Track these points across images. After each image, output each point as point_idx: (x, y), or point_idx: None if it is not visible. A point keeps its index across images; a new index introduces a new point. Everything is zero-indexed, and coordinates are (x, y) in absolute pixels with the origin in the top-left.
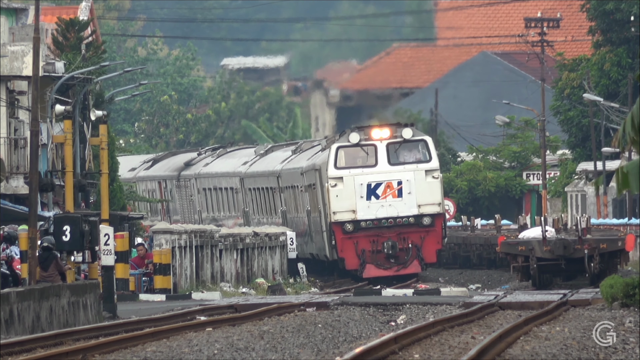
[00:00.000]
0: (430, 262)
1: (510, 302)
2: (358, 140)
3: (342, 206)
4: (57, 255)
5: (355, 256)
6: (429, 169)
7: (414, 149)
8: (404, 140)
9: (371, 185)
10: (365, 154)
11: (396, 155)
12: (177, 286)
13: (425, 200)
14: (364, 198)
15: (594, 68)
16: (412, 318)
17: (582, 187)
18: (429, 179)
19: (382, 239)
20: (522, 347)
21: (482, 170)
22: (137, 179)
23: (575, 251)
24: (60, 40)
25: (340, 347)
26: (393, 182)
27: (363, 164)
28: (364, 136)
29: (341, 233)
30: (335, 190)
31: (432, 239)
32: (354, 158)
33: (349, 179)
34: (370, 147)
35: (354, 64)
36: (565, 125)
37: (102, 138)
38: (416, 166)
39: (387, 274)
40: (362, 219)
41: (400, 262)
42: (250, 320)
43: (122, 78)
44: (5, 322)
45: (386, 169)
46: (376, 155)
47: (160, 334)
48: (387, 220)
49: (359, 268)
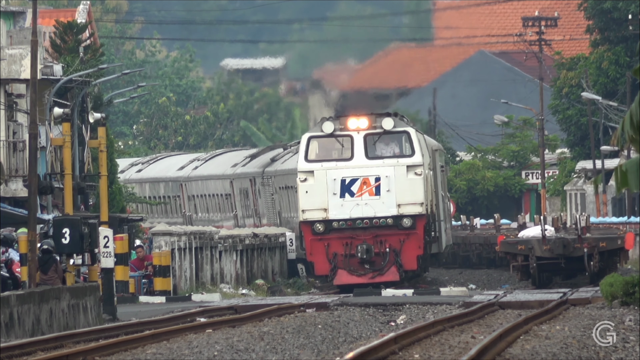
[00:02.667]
0: (410, 269)
1: (510, 301)
2: (332, 130)
3: (313, 204)
4: (57, 258)
5: (326, 260)
6: (411, 165)
7: (394, 142)
8: (384, 131)
9: (345, 180)
10: (340, 145)
11: (375, 148)
12: (177, 288)
13: (406, 200)
14: (337, 195)
15: (592, 67)
16: (412, 318)
17: (581, 185)
18: (410, 176)
19: (356, 242)
20: (522, 346)
21: (481, 170)
22: (232, 175)
23: (575, 250)
24: (58, 43)
25: (340, 347)
26: (370, 178)
27: (337, 157)
28: (340, 126)
29: (311, 234)
30: (305, 185)
31: (413, 243)
32: (327, 150)
33: (321, 174)
34: (346, 138)
35: (352, 64)
36: (563, 124)
37: (100, 140)
38: (397, 161)
39: (360, 281)
40: (334, 219)
41: (375, 268)
42: (250, 321)
43: (120, 80)
44: (5, 325)
45: (363, 163)
46: (352, 148)
47: (161, 335)
48: (362, 221)
49: (329, 273)
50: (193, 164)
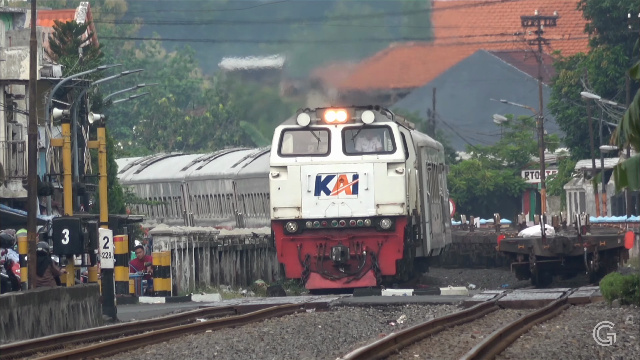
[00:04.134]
0: (389, 275)
1: (510, 300)
2: (308, 122)
3: (285, 201)
4: (52, 260)
5: (298, 262)
6: (392, 162)
7: (375, 137)
8: (364, 125)
9: (321, 177)
10: (317, 139)
11: (353, 143)
12: (177, 288)
13: (386, 199)
14: (311, 193)
15: (591, 66)
16: (412, 318)
17: (581, 185)
18: (391, 174)
19: (331, 244)
20: (522, 345)
21: (481, 169)
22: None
23: (575, 249)
24: (57, 44)
25: (340, 347)
26: (347, 176)
27: (313, 151)
28: (316, 118)
29: (282, 234)
30: (277, 181)
31: (392, 246)
32: (302, 144)
33: (295, 169)
34: (323, 131)
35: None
36: (563, 124)
37: (100, 141)
38: (377, 157)
39: (334, 286)
40: (307, 218)
41: (351, 272)
42: (250, 321)
43: (119, 81)
44: (5, 326)
45: (340, 159)
46: (329, 142)
47: (160, 336)
48: (338, 221)
49: (301, 277)
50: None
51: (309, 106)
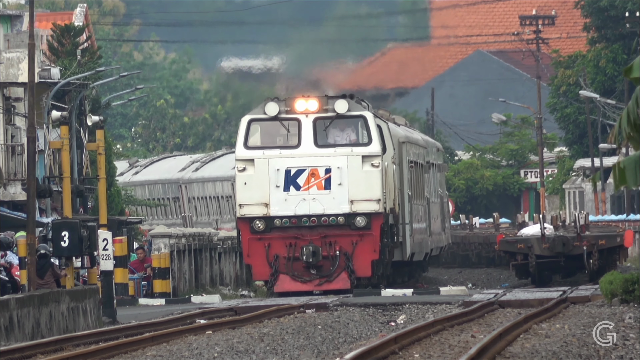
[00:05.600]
0: (364, 276)
1: (510, 300)
2: (277, 112)
3: (252, 197)
4: (53, 262)
5: (266, 263)
6: (368, 155)
7: (349, 128)
8: (337, 115)
9: (291, 171)
10: (286, 130)
11: (325, 134)
12: (177, 290)
13: (361, 195)
14: (280, 188)
15: (589, 65)
16: (412, 318)
17: (580, 183)
18: (366, 168)
19: (301, 243)
20: (522, 344)
21: (480, 169)
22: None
23: (574, 248)
24: (55, 47)
25: (341, 348)
26: (319, 169)
27: (282, 143)
28: (285, 108)
29: (249, 232)
30: (243, 176)
31: (367, 245)
32: (271, 136)
33: (262, 163)
34: (293, 122)
35: (350, 64)
36: (562, 123)
37: (99, 143)
38: (351, 150)
39: (305, 289)
40: (276, 216)
41: (323, 274)
42: (250, 322)
43: (118, 83)
44: (5, 328)
45: (311, 152)
46: (299, 133)
47: (160, 338)
48: (309, 219)
49: (269, 279)
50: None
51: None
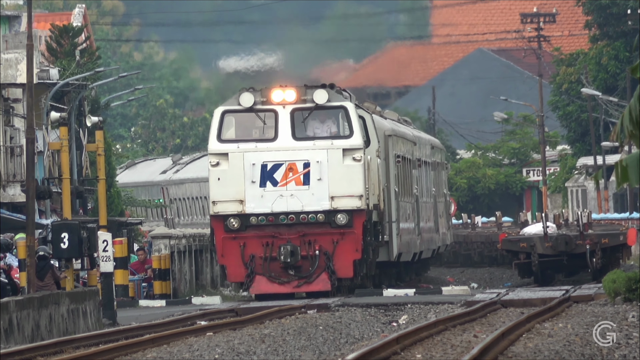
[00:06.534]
0: (345, 277)
1: (512, 299)
2: (252, 103)
3: (226, 194)
4: (53, 264)
5: (241, 264)
6: (349, 148)
7: (329, 120)
8: (316, 106)
9: (267, 166)
10: (262, 122)
11: (304, 126)
12: (177, 291)
13: (342, 191)
14: (256, 184)
15: (591, 62)
16: (414, 318)
17: (583, 182)
18: (347, 162)
19: (279, 242)
20: (524, 344)
21: (482, 168)
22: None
23: (577, 247)
24: (54, 47)
25: (342, 348)
26: (297, 164)
27: (258, 136)
28: (261, 98)
29: (223, 231)
30: (217, 171)
31: (349, 244)
32: (246, 128)
33: (237, 157)
34: (269, 113)
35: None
36: (564, 121)
37: (98, 144)
38: (331, 142)
39: (283, 291)
40: (252, 213)
41: (302, 274)
42: (251, 323)
43: (118, 83)
44: (4, 331)
45: (289, 145)
46: (276, 126)
47: (161, 339)
48: (286, 216)
49: (245, 280)
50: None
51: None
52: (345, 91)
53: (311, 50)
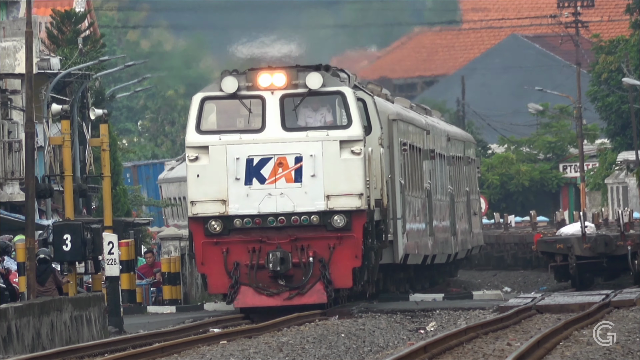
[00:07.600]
0: (343, 287)
1: (548, 304)
2: (236, 88)
3: (206, 193)
4: (54, 268)
5: (224, 273)
6: (347, 139)
7: (324, 107)
8: (309, 91)
9: (253, 161)
10: (247, 111)
11: (295, 115)
12: (188, 296)
13: (339, 189)
14: (240, 181)
15: (632, 50)
16: (442, 325)
17: (623, 178)
18: (345, 155)
19: (267, 248)
20: (562, 353)
21: (515, 163)
22: None
23: (618, 248)
24: (55, 34)
25: (366, 358)
26: (288, 158)
27: (243, 127)
28: (247, 83)
29: (203, 235)
30: (196, 167)
31: (347, 250)
32: (229, 117)
33: (218, 150)
34: (255, 100)
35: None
36: (603, 112)
37: (103, 139)
38: (326, 133)
39: (272, 304)
40: (236, 215)
41: (294, 285)
42: (268, 331)
43: (124, 73)
44: (3, 340)
45: (278, 137)
46: (263, 114)
47: (171, 348)
48: (276, 219)
49: (228, 292)
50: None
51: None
52: (344, 71)
53: (331, 36)
